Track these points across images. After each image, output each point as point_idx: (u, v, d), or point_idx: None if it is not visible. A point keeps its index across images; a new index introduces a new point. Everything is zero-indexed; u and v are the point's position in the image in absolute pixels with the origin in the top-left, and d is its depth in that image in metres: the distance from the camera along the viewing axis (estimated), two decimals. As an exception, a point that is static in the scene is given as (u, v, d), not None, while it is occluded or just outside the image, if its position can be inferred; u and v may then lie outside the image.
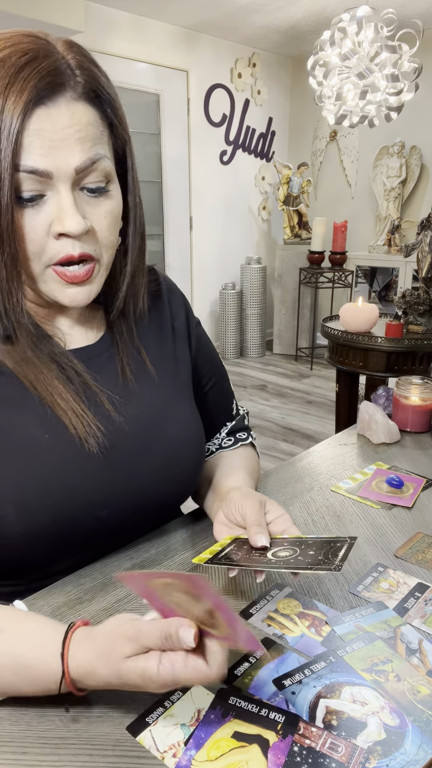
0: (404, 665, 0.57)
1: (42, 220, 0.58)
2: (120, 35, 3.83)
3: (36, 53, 0.55)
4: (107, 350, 0.72)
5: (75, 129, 0.57)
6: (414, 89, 2.69)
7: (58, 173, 0.57)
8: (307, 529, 0.81)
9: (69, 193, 0.58)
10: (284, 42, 4.59)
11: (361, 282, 4.88)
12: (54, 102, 0.56)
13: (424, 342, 2.35)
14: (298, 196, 4.85)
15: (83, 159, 0.58)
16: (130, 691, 0.50)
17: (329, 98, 2.80)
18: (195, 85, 4.43)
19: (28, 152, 0.55)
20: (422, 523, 0.84)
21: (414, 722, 0.51)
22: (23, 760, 0.47)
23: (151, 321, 0.78)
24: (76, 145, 0.57)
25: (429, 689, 0.54)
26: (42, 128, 0.55)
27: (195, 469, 0.76)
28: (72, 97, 0.57)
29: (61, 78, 0.56)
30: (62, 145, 0.56)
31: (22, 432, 0.63)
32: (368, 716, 0.51)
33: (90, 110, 0.58)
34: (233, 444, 0.89)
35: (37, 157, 0.55)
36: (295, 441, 3.31)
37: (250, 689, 0.54)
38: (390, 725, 0.50)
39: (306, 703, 0.52)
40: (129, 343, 0.74)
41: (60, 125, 0.56)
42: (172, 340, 0.80)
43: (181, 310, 0.83)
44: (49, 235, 0.59)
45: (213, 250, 4.95)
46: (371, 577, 0.70)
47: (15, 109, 0.53)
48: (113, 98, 0.62)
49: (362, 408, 1.16)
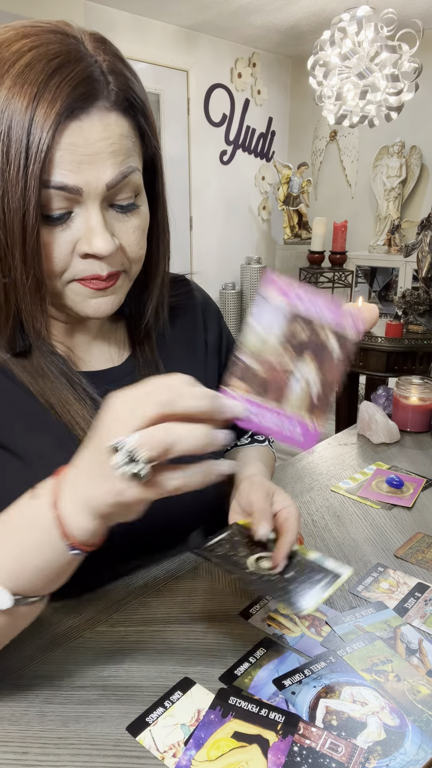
0: (404, 665, 0.57)
1: (68, 238, 0.54)
2: (120, 35, 3.83)
3: (67, 57, 0.51)
4: (131, 372, 0.69)
5: (108, 142, 0.53)
6: (414, 89, 2.69)
7: (88, 189, 0.53)
8: (307, 529, 0.81)
9: (98, 210, 0.54)
10: (284, 42, 4.58)
11: (361, 282, 4.88)
12: (87, 113, 0.51)
13: (424, 342, 2.35)
14: (298, 196, 4.84)
15: (115, 174, 0.54)
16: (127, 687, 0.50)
17: (329, 98, 2.80)
18: (195, 85, 4.42)
19: (58, 168, 0.51)
20: (422, 523, 0.84)
21: (414, 722, 0.51)
22: (23, 760, 0.47)
23: (180, 335, 0.75)
24: (108, 160, 0.53)
25: (429, 689, 0.54)
26: (74, 142, 0.51)
27: (219, 494, 0.74)
28: (105, 106, 0.53)
29: (94, 86, 0.52)
30: (94, 160, 0.52)
31: (43, 456, 0.60)
32: (368, 716, 0.51)
33: (122, 120, 0.54)
34: (250, 443, 0.89)
35: (66, 172, 0.51)
36: (295, 441, 3.30)
37: (250, 689, 0.54)
38: (390, 725, 0.50)
39: (306, 703, 0.52)
40: (152, 361, 0.71)
41: (92, 138, 0.52)
42: (203, 356, 0.77)
43: (215, 324, 0.80)
44: (74, 253, 0.55)
45: (213, 250, 4.95)
46: (371, 577, 0.70)
47: (45, 121, 0.49)
48: (145, 104, 0.57)
49: (362, 408, 1.16)
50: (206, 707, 0.52)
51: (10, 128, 0.49)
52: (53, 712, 0.51)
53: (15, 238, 0.52)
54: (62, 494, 0.45)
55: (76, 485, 0.45)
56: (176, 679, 0.55)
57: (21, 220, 0.51)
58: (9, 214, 0.51)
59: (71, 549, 0.46)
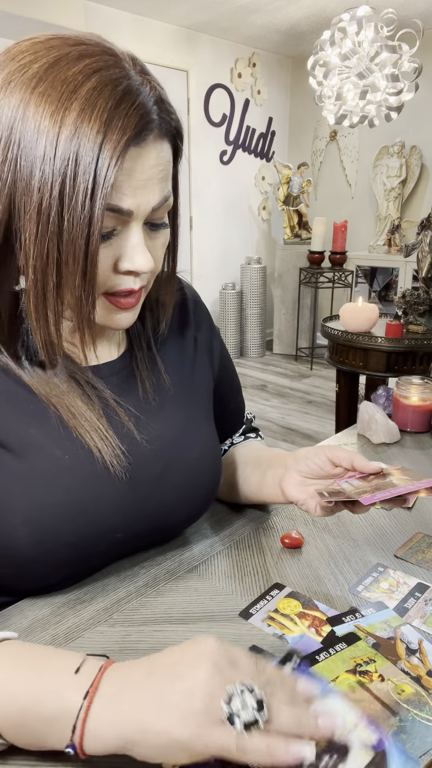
0: (387, 665, 0.57)
1: (110, 255, 0.57)
2: (120, 35, 3.83)
3: (129, 85, 0.52)
4: (128, 366, 0.70)
5: (159, 169, 0.56)
6: (414, 89, 2.69)
7: (138, 212, 0.55)
8: (307, 529, 0.81)
9: (140, 230, 0.57)
10: (284, 42, 4.59)
11: (361, 282, 4.88)
12: (145, 141, 0.54)
13: (424, 342, 2.35)
14: (298, 196, 4.85)
15: (160, 198, 0.57)
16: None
17: (329, 98, 2.80)
18: (195, 85, 4.43)
19: (117, 192, 0.53)
20: (422, 523, 0.84)
21: (399, 722, 0.50)
22: (23, 760, 0.47)
23: (172, 333, 0.76)
24: (157, 185, 0.56)
25: (413, 688, 0.54)
26: (133, 168, 0.53)
27: (212, 490, 0.75)
28: (158, 135, 0.55)
29: (150, 116, 0.54)
30: (147, 185, 0.55)
31: (42, 452, 0.61)
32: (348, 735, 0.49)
33: (168, 148, 0.58)
34: (244, 441, 0.92)
35: (123, 196, 0.54)
36: (295, 441, 3.31)
37: None
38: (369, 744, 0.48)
39: None
40: (149, 357, 0.72)
41: (148, 165, 0.55)
42: (193, 352, 0.78)
43: (204, 321, 0.81)
44: (113, 269, 0.58)
45: (213, 250, 4.95)
46: (371, 577, 0.70)
47: (115, 149, 0.51)
48: (182, 129, 0.60)
49: (362, 408, 1.16)
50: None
51: (78, 152, 0.50)
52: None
53: (77, 258, 0.53)
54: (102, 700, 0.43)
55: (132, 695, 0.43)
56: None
57: (85, 242, 0.52)
58: (72, 236, 0.52)
59: (70, 747, 0.43)
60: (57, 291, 0.55)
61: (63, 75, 0.50)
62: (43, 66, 0.51)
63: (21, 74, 0.51)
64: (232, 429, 0.90)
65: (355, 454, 0.69)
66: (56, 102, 0.50)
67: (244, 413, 0.93)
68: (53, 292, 0.55)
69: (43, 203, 0.51)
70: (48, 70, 0.51)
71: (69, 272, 0.54)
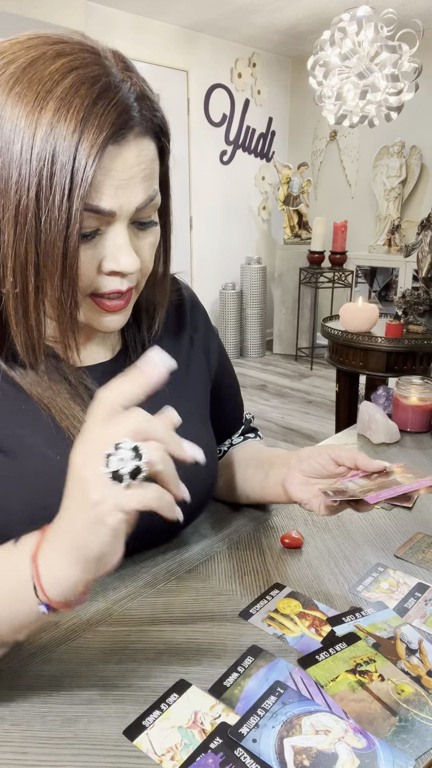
0: (387, 665, 0.57)
1: (94, 256, 0.56)
2: (120, 35, 3.83)
3: (107, 83, 0.51)
4: (122, 367, 0.69)
5: (141, 167, 0.55)
6: (414, 89, 2.69)
7: (120, 212, 0.55)
8: (307, 529, 0.81)
9: (125, 230, 0.56)
10: (284, 42, 4.59)
11: (361, 282, 4.88)
12: (125, 139, 0.53)
13: (424, 342, 2.35)
14: (298, 196, 4.85)
15: (144, 198, 0.56)
16: (127, 687, 0.49)
17: (329, 98, 2.80)
18: (195, 85, 4.43)
19: (97, 192, 0.52)
20: (422, 523, 0.84)
21: (398, 722, 0.50)
22: (23, 760, 0.47)
23: (168, 333, 0.76)
24: (140, 185, 0.55)
25: (413, 688, 0.54)
26: (112, 168, 0.52)
27: (209, 490, 0.75)
28: (139, 132, 0.54)
29: (130, 113, 0.53)
30: (128, 185, 0.54)
31: (35, 453, 0.60)
32: (336, 744, 0.49)
33: (152, 145, 0.56)
34: (243, 442, 0.92)
35: (103, 196, 0.53)
36: (295, 441, 3.31)
37: (241, 701, 0.52)
38: (358, 748, 0.49)
39: (271, 749, 0.48)
40: None
41: (128, 164, 0.53)
42: (188, 353, 0.77)
43: (201, 322, 0.81)
44: (98, 270, 0.57)
45: (213, 250, 4.95)
46: (371, 577, 0.70)
47: (92, 148, 0.50)
48: (167, 127, 0.59)
49: (362, 408, 1.16)
50: (203, 709, 0.51)
51: (54, 152, 0.49)
52: (53, 712, 0.51)
53: (55, 259, 0.52)
54: (43, 546, 0.45)
55: (59, 533, 0.45)
56: (177, 679, 0.55)
57: (63, 243, 0.52)
58: (50, 237, 0.51)
59: (42, 605, 0.45)
60: (36, 293, 0.54)
61: (39, 75, 0.50)
62: (20, 66, 0.50)
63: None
64: (231, 429, 0.90)
65: (358, 453, 0.69)
66: (32, 102, 0.49)
67: (243, 413, 0.93)
68: (33, 294, 0.54)
69: (21, 204, 0.51)
70: (25, 70, 0.50)
71: (48, 274, 0.53)
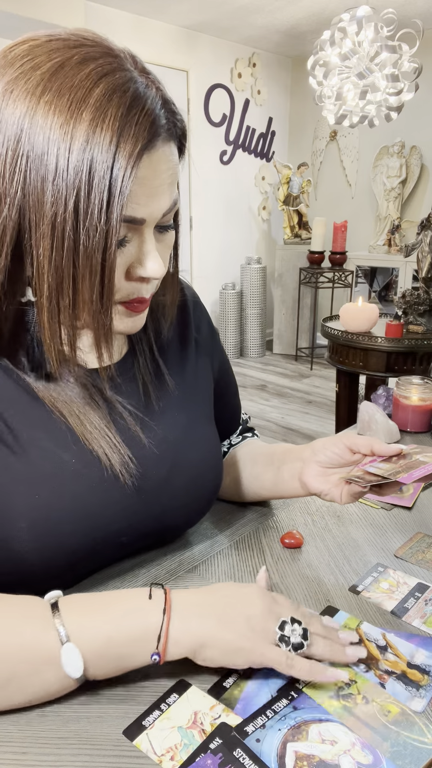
0: (368, 684, 0.55)
1: (121, 262, 0.55)
2: (120, 35, 3.83)
3: (135, 90, 0.51)
4: (130, 369, 0.70)
5: (168, 174, 0.54)
6: (414, 89, 2.69)
7: (150, 220, 0.54)
8: (307, 529, 0.81)
9: (152, 236, 0.56)
10: (284, 42, 4.59)
11: (361, 282, 4.88)
12: (155, 148, 0.52)
13: (424, 342, 2.35)
14: (298, 196, 4.85)
15: (170, 203, 0.56)
16: (128, 686, 0.50)
17: (329, 98, 2.80)
18: (195, 85, 4.43)
19: (131, 201, 0.52)
20: (422, 523, 0.84)
21: (391, 747, 0.48)
22: (23, 760, 0.47)
23: (173, 334, 0.76)
24: (167, 190, 0.55)
25: (398, 707, 0.52)
26: (145, 176, 0.52)
27: (214, 491, 0.75)
28: (165, 139, 0.53)
29: (158, 121, 0.52)
30: (158, 192, 0.54)
31: (49, 456, 0.60)
32: (340, 756, 0.48)
33: (175, 150, 0.56)
34: (243, 441, 0.91)
35: (136, 206, 0.52)
36: (295, 441, 3.31)
37: (240, 701, 0.52)
38: (363, 763, 0.47)
39: (273, 751, 0.48)
40: (151, 359, 0.72)
41: (159, 171, 0.53)
42: (194, 355, 0.77)
43: (204, 323, 0.81)
44: (125, 276, 0.57)
45: (213, 250, 4.95)
46: (371, 577, 0.70)
47: (129, 157, 0.49)
48: (186, 130, 0.58)
49: (362, 408, 1.16)
50: (202, 709, 0.51)
51: (92, 163, 0.49)
52: (53, 712, 0.51)
53: (94, 270, 0.52)
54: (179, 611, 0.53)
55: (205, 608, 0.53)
56: (177, 679, 0.55)
57: (102, 254, 0.51)
58: (89, 249, 0.51)
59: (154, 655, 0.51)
60: (73, 306, 0.54)
61: (69, 82, 0.49)
62: (46, 73, 0.49)
63: (24, 82, 0.49)
64: (230, 430, 0.90)
65: (374, 439, 0.68)
66: (65, 111, 0.48)
67: (241, 413, 0.93)
68: (68, 307, 0.54)
69: (57, 218, 0.50)
70: (52, 77, 0.49)
71: (85, 286, 0.52)
